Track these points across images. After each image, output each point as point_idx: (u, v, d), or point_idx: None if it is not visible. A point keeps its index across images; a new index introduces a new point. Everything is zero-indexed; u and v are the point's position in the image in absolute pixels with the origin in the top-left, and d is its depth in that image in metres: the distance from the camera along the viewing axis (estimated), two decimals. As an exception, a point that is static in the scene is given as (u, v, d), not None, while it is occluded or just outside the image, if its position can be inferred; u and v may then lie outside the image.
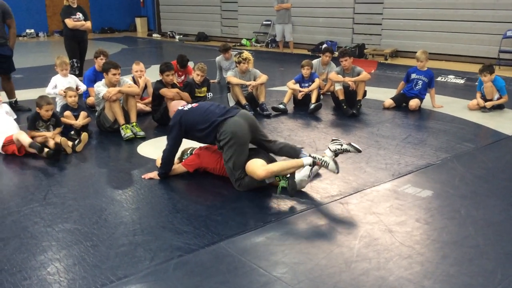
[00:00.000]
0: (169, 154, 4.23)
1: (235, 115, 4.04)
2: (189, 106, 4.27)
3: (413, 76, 7.06)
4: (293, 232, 3.34)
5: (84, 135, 5.19)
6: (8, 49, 6.66)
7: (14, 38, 6.78)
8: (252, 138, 4.12)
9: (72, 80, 6.44)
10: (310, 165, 3.82)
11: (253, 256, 3.01)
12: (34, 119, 5.21)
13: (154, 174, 4.31)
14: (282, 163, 3.96)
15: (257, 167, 3.89)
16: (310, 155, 3.87)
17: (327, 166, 3.78)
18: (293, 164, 3.86)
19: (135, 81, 6.56)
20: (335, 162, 3.79)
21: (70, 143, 5.07)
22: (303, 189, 4.04)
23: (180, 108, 4.27)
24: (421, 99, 6.98)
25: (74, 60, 7.71)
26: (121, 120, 5.56)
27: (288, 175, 3.80)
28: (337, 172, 3.80)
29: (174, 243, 3.15)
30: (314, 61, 7.70)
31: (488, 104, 6.75)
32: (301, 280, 2.76)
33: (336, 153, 3.85)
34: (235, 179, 3.99)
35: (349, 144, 3.83)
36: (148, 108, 6.61)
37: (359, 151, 3.82)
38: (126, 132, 5.48)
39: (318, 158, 3.80)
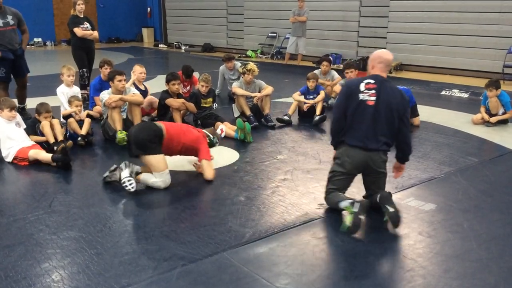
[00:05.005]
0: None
1: None
2: None
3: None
4: (296, 243, 3.35)
5: (69, 143, 5.28)
6: (21, 49, 6.84)
7: (27, 41, 7.09)
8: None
9: (77, 91, 6.48)
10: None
11: (256, 267, 3.03)
12: (33, 125, 5.36)
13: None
14: None
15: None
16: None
17: None
18: None
19: (136, 86, 6.68)
20: None
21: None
22: (306, 200, 4.06)
23: None
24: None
25: (84, 70, 7.73)
26: (118, 126, 5.59)
27: (354, 209, 3.45)
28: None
29: (178, 252, 3.17)
30: (315, 72, 7.77)
31: (493, 119, 6.76)
32: (303, 291, 2.77)
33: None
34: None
35: None
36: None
37: None
38: (118, 135, 5.50)
39: None
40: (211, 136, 4.84)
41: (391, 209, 3.52)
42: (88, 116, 5.84)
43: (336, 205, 3.71)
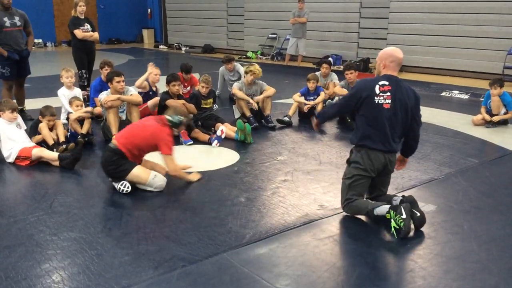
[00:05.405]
0: None
1: None
2: None
3: None
4: (297, 244, 3.36)
5: (71, 146, 5.30)
6: (27, 50, 6.94)
7: (32, 42, 7.22)
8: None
9: (78, 93, 6.49)
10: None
11: (256, 268, 3.03)
12: (36, 126, 5.37)
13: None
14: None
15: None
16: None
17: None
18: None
19: (150, 85, 6.77)
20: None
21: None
22: (306, 201, 4.07)
23: None
24: None
25: (83, 71, 7.74)
26: (114, 130, 5.59)
27: (403, 215, 3.40)
28: None
29: (178, 253, 3.17)
30: (315, 74, 7.77)
31: (495, 118, 6.76)
32: (303, 292, 2.77)
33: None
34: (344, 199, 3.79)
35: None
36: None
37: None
38: (112, 141, 5.46)
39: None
40: (170, 117, 4.49)
41: (418, 214, 3.55)
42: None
43: (368, 213, 3.64)
